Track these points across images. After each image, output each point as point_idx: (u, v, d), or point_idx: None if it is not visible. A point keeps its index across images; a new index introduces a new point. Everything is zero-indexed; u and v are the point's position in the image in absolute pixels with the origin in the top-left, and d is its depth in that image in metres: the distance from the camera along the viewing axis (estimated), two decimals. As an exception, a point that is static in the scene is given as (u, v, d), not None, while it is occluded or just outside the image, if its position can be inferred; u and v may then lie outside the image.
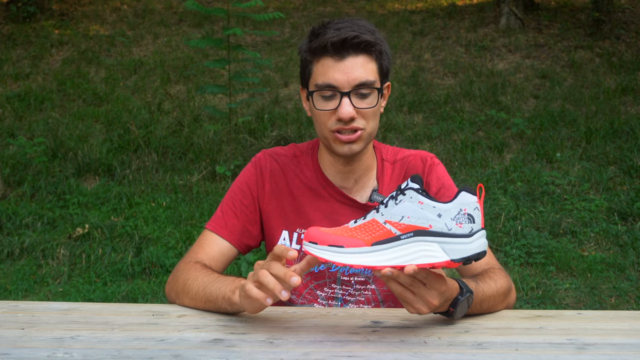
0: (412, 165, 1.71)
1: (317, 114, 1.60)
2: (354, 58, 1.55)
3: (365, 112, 1.58)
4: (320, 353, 1.24)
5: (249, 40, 8.88)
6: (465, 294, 1.38)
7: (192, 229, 4.86)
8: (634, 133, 6.22)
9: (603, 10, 8.69)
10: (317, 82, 1.57)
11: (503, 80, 7.60)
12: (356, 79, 1.55)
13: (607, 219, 4.97)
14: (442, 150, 6.09)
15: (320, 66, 1.57)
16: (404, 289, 1.28)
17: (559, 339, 1.32)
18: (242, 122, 6.48)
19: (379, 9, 10.15)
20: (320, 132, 1.63)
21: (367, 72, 1.56)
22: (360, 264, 1.24)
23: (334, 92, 1.56)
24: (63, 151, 5.99)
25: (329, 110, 1.57)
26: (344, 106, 1.54)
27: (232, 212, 1.71)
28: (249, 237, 1.72)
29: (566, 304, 3.96)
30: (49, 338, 1.31)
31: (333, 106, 1.57)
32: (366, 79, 1.56)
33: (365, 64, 1.56)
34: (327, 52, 1.55)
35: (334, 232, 1.28)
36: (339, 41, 1.54)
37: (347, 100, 1.55)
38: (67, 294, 4.07)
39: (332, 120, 1.58)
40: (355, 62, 1.55)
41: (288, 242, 1.69)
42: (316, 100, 1.59)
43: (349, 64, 1.55)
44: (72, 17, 9.66)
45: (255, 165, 1.74)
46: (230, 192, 1.74)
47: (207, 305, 1.49)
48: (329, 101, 1.57)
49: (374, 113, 1.60)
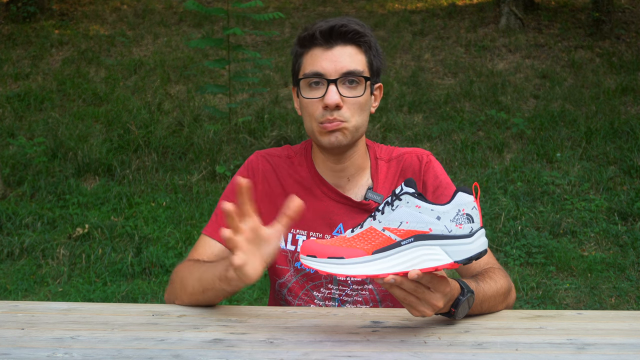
0: (408, 163, 1.70)
1: (305, 104, 1.59)
2: (342, 47, 1.57)
3: (351, 102, 1.57)
4: (320, 353, 1.24)
5: (249, 40, 8.88)
6: (466, 294, 1.37)
7: (192, 229, 4.86)
8: (634, 133, 6.22)
9: (603, 10, 8.69)
10: (305, 71, 1.58)
11: (503, 80, 7.60)
12: (344, 67, 1.55)
13: (607, 219, 4.97)
14: (442, 150, 6.09)
15: (309, 57, 1.59)
16: (407, 294, 1.27)
17: (559, 339, 1.32)
18: (242, 122, 6.48)
19: (379, 9, 10.15)
20: (308, 127, 1.61)
21: (355, 61, 1.57)
22: (363, 274, 1.23)
23: (320, 80, 1.56)
24: (63, 151, 5.99)
25: (316, 99, 1.57)
26: (330, 93, 1.54)
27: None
28: None
29: (566, 304, 3.96)
30: (49, 338, 1.31)
31: (320, 94, 1.56)
32: (354, 68, 1.56)
33: (353, 54, 1.57)
34: (315, 41, 1.56)
35: (332, 243, 1.26)
36: (327, 29, 1.55)
37: (334, 87, 1.55)
38: (67, 294, 4.07)
39: (319, 110, 1.57)
40: (344, 52, 1.57)
41: (283, 243, 1.68)
42: (303, 89, 1.59)
43: (337, 52, 1.56)
44: (72, 17, 9.66)
45: (247, 168, 1.73)
46: (224, 197, 1.73)
47: (207, 294, 1.47)
48: (316, 90, 1.57)
49: (360, 106, 1.59)
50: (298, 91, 1.63)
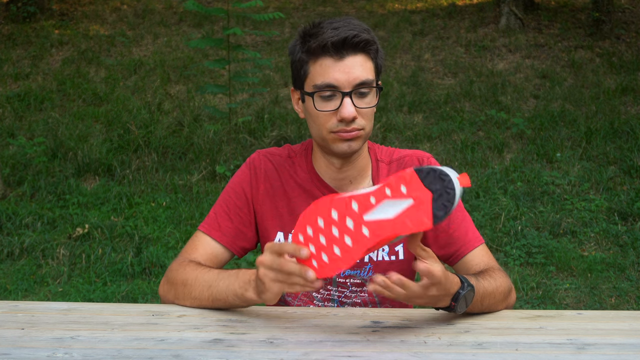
0: (408, 166, 1.69)
1: (316, 115, 1.58)
2: (353, 57, 1.54)
3: (364, 111, 1.57)
4: (320, 353, 1.24)
5: (248, 40, 8.88)
6: (466, 288, 1.38)
7: (192, 229, 4.86)
8: (634, 133, 6.22)
9: (603, 10, 8.69)
10: (316, 82, 1.56)
11: (503, 80, 7.60)
12: (357, 79, 1.54)
13: (607, 219, 4.97)
14: (442, 150, 6.09)
15: (318, 66, 1.56)
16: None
17: (559, 339, 1.32)
18: (242, 122, 6.48)
19: (379, 9, 10.15)
20: (317, 134, 1.60)
21: (366, 71, 1.56)
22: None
23: (334, 92, 1.55)
24: (63, 151, 5.98)
25: (330, 112, 1.56)
26: (346, 106, 1.53)
27: (226, 214, 1.69)
28: (244, 239, 1.70)
29: (566, 304, 3.96)
30: (49, 338, 1.31)
31: (334, 107, 1.55)
32: (366, 78, 1.55)
33: (363, 62, 1.56)
34: (326, 51, 1.54)
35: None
36: (339, 41, 1.52)
37: (349, 100, 1.53)
38: (67, 294, 4.07)
39: (332, 121, 1.56)
40: (355, 62, 1.55)
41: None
42: (316, 101, 1.57)
43: (348, 63, 1.54)
44: (72, 17, 9.66)
45: (249, 166, 1.72)
46: (224, 194, 1.72)
47: (216, 303, 1.49)
48: (329, 101, 1.55)
49: (372, 113, 1.60)
50: (303, 97, 1.61)
